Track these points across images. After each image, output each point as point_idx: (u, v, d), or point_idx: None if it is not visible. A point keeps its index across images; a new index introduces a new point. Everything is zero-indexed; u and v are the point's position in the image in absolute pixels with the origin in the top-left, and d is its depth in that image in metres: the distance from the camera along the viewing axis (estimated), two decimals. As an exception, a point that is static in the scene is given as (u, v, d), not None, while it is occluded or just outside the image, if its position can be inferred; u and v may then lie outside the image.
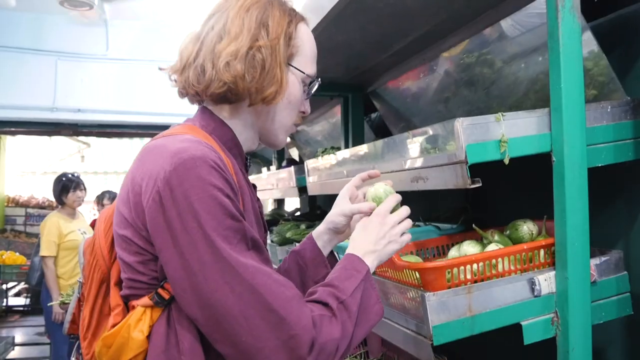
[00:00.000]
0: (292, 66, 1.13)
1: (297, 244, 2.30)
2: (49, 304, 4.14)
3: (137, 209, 0.96)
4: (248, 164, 1.21)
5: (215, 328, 0.90)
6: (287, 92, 1.11)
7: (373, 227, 1.13)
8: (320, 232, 1.29)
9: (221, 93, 1.07)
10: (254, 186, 1.21)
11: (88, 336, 1.06)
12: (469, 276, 1.20)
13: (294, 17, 1.14)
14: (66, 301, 3.82)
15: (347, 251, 1.12)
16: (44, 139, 9.29)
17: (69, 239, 4.33)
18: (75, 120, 5.60)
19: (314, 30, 1.64)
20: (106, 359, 1.00)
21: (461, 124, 1.12)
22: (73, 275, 4.25)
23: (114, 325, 1.00)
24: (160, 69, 1.20)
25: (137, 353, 0.96)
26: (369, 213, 1.15)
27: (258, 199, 1.20)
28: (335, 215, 1.26)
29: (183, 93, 1.14)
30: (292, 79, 1.13)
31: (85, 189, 4.56)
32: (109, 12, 5.30)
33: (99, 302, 1.07)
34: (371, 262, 1.10)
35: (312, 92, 1.21)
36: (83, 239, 1.45)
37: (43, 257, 4.29)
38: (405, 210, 1.16)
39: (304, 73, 1.15)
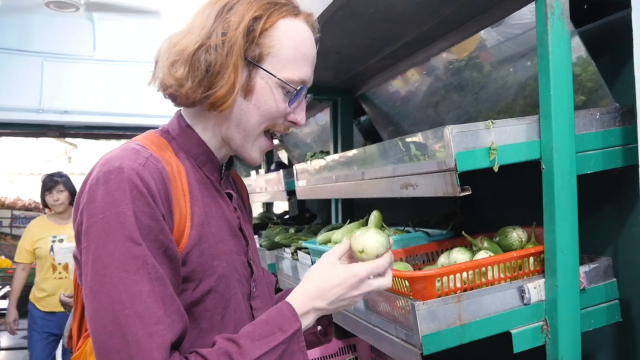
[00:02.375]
0: (261, 68, 0.99)
1: (286, 250, 2.30)
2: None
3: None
4: (223, 172, 1.10)
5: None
6: (254, 98, 0.99)
7: (341, 286, 0.97)
8: None
9: (172, 95, 1.00)
10: (230, 195, 1.10)
11: (75, 353, 1.02)
12: (458, 284, 1.20)
13: (270, 12, 0.99)
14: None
15: (290, 297, 0.99)
16: (30, 140, 9.19)
17: (37, 247, 3.94)
18: (62, 122, 5.53)
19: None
20: None
21: (451, 132, 1.11)
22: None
23: (78, 348, 0.97)
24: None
25: None
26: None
27: (236, 209, 1.11)
28: None
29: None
30: (261, 84, 0.99)
31: (68, 190, 4.02)
32: (96, 13, 5.25)
33: (84, 319, 1.01)
34: (310, 320, 0.98)
35: (301, 99, 1.06)
36: (59, 248, 1.43)
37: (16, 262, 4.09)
38: (390, 277, 1.03)
39: (275, 77, 0.99)
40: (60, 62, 5.43)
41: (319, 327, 1.27)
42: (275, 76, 1.00)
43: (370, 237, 1.03)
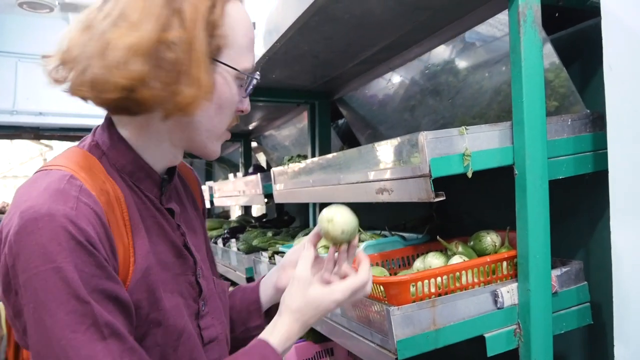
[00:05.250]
0: (220, 62, 0.90)
1: (263, 254, 2.29)
2: None
3: None
4: (163, 188, 0.98)
5: None
6: (215, 96, 0.89)
7: (322, 312, 0.97)
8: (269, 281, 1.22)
9: (117, 101, 0.83)
10: (172, 211, 1.00)
11: None
12: (433, 289, 1.20)
13: None
14: None
15: (272, 334, 0.95)
16: (4, 142, 9.02)
17: None
18: (37, 124, 5.44)
19: (280, 40, 1.64)
20: None
21: (425, 138, 1.12)
22: None
23: None
24: (43, 57, 0.91)
25: None
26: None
27: (179, 225, 1.01)
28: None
29: (71, 93, 0.89)
30: (220, 80, 0.90)
31: None
32: (72, 13, 5.18)
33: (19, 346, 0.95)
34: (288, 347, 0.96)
35: (252, 88, 0.98)
36: None
37: None
38: (369, 286, 1.03)
39: (236, 70, 0.92)
40: (34, 63, 5.31)
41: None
42: (235, 69, 0.92)
43: (341, 213, 1.07)
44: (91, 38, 0.82)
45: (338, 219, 1.06)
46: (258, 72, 0.98)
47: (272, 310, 1.22)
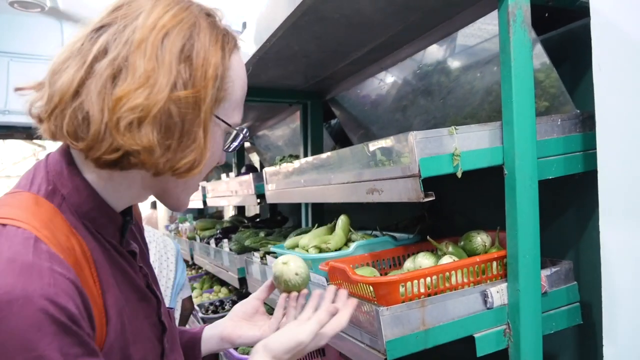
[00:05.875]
0: (217, 117, 0.82)
1: (255, 254, 2.28)
2: None
3: None
4: (125, 231, 0.88)
5: None
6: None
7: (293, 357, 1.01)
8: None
9: (112, 160, 0.74)
10: (134, 254, 0.92)
11: None
12: (422, 289, 1.20)
13: (227, 44, 0.82)
14: None
15: None
16: (-4, 142, 8.98)
17: None
18: (29, 124, 5.26)
19: (270, 39, 1.64)
20: None
21: (415, 138, 1.12)
22: None
23: None
24: (17, 89, 0.82)
25: None
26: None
27: (141, 267, 0.94)
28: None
29: (46, 133, 0.79)
30: (212, 134, 0.81)
31: None
32: (64, 13, 5.15)
33: None
34: None
35: (237, 145, 0.91)
36: None
37: None
38: (345, 315, 1.07)
39: (228, 124, 0.85)
40: (27, 62, 5.29)
41: None
42: (227, 123, 0.84)
43: (296, 259, 1.19)
44: (88, 81, 0.73)
45: (292, 263, 1.18)
46: (245, 129, 0.91)
47: None
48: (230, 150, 0.92)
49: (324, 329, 1.03)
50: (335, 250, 1.71)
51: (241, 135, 0.90)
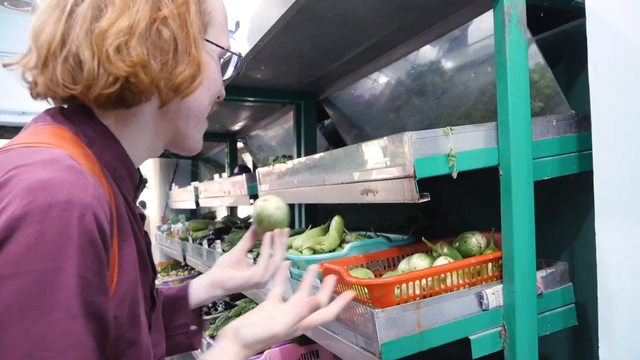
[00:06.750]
0: (208, 41, 0.86)
1: (248, 255, 2.26)
2: None
3: None
4: (141, 186, 0.91)
5: None
6: (205, 77, 0.84)
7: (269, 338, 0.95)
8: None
9: (114, 94, 0.76)
10: (143, 216, 0.93)
11: None
12: (417, 291, 1.19)
13: None
14: None
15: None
16: (-13, 141, 8.90)
17: None
18: (20, 123, 5.34)
19: (263, 39, 1.63)
20: None
21: (410, 138, 1.11)
22: None
23: None
24: (5, 65, 0.83)
25: None
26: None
27: (147, 233, 0.94)
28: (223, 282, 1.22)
29: (44, 95, 0.81)
30: (207, 59, 0.86)
31: None
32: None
33: None
34: None
35: (236, 70, 0.93)
36: None
37: None
38: (333, 308, 1.02)
39: (221, 47, 0.89)
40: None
41: (193, 327, 1.23)
42: (220, 46, 0.88)
43: (275, 198, 1.26)
44: (71, 26, 0.74)
45: (272, 200, 1.24)
46: (239, 52, 0.94)
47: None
48: (228, 77, 0.93)
49: (306, 320, 0.98)
50: (330, 251, 1.70)
51: (236, 58, 0.92)
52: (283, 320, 0.95)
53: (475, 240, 1.41)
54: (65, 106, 0.84)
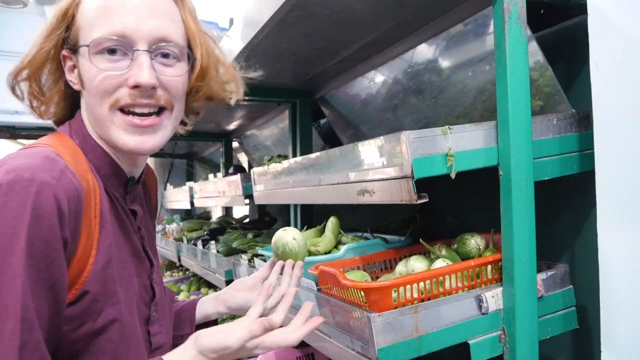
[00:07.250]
0: (80, 46, 0.93)
1: (243, 256, 2.24)
2: None
3: None
4: (129, 187, 1.04)
5: None
6: (85, 82, 0.93)
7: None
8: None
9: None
10: (135, 213, 1.05)
11: None
12: (415, 295, 1.16)
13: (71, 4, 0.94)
14: None
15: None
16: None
17: None
18: (13, 123, 5.31)
19: (257, 36, 1.59)
20: None
21: (407, 137, 1.08)
22: None
23: None
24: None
25: None
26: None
27: (140, 228, 1.06)
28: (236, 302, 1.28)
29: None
30: (82, 63, 0.93)
31: None
32: (47, 7, 5.06)
33: None
34: None
35: (135, 56, 0.91)
36: None
37: None
38: (298, 332, 1.00)
39: (85, 45, 0.91)
40: (10, 60, 5.17)
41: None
42: (85, 45, 0.91)
43: (294, 230, 1.28)
44: None
45: (291, 231, 1.26)
46: (130, 39, 0.91)
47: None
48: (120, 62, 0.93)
49: (263, 340, 0.96)
50: (325, 253, 1.67)
51: (124, 47, 0.91)
52: (238, 334, 0.95)
53: (474, 241, 1.38)
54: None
